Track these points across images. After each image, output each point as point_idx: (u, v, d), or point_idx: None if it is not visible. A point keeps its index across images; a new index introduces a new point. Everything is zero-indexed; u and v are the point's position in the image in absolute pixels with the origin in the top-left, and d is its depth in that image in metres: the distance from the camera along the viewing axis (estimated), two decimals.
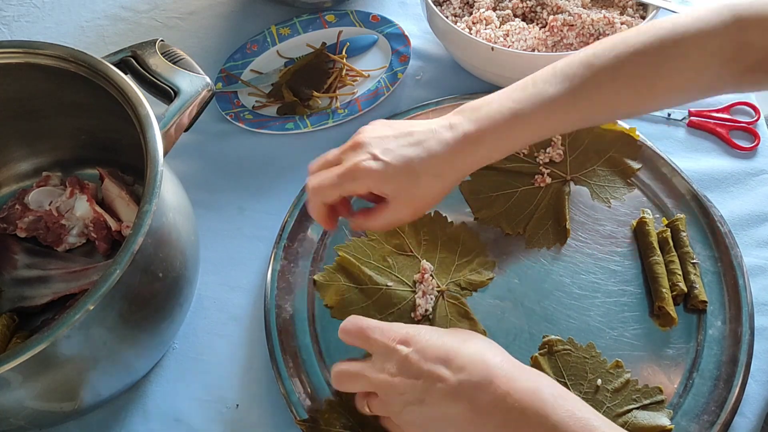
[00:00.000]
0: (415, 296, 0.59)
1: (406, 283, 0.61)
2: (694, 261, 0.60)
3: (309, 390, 0.56)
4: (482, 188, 0.66)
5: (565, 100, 0.53)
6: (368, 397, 0.50)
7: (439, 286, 0.60)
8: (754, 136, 0.71)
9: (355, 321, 0.50)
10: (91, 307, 0.43)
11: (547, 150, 0.67)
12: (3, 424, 0.47)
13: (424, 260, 0.61)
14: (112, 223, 0.64)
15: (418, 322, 0.58)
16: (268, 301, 0.60)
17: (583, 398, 0.52)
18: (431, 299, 0.59)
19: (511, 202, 0.64)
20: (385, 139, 0.53)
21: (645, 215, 0.63)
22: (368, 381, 0.48)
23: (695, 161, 0.69)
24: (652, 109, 0.60)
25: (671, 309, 0.57)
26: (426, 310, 0.59)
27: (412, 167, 0.52)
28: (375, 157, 0.52)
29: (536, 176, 0.66)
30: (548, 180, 0.66)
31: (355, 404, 0.52)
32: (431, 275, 0.60)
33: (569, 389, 0.53)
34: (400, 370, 0.46)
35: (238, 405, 0.58)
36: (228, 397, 0.58)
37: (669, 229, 0.62)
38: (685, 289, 0.58)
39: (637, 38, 0.53)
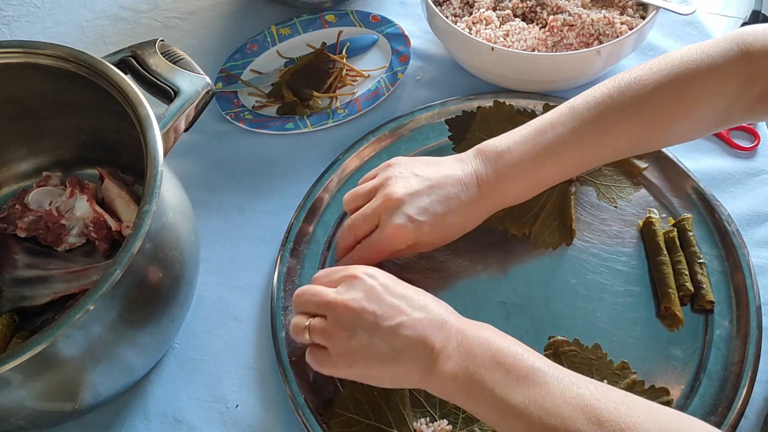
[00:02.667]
0: None
1: None
2: (701, 261, 0.60)
3: (315, 391, 0.56)
4: None
5: (585, 142, 0.56)
6: (313, 319, 0.50)
7: None
8: (754, 136, 0.71)
9: (323, 270, 0.54)
10: (91, 307, 0.43)
11: None
12: (3, 424, 0.47)
13: None
14: (112, 223, 0.64)
15: None
16: (275, 303, 0.60)
17: None
18: None
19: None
20: (417, 196, 0.56)
21: (651, 215, 0.63)
22: (327, 301, 0.49)
23: (695, 161, 0.69)
24: (671, 142, 0.61)
25: (678, 309, 0.57)
26: None
27: (446, 221, 0.56)
28: (411, 220, 0.55)
29: None
30: None
31: (291, 327, 0.52)
32: None
33: None
34: (366, 296, 0.49)
35: (238, 405, 0.58)
36: (228, 397, 0.58)
37: (676, 229, 0.62)
38: (692, 290, 0.58)
39: (651, 76, 0.55)
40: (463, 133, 0.70)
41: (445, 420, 0.53)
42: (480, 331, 0.48)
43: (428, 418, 0.54)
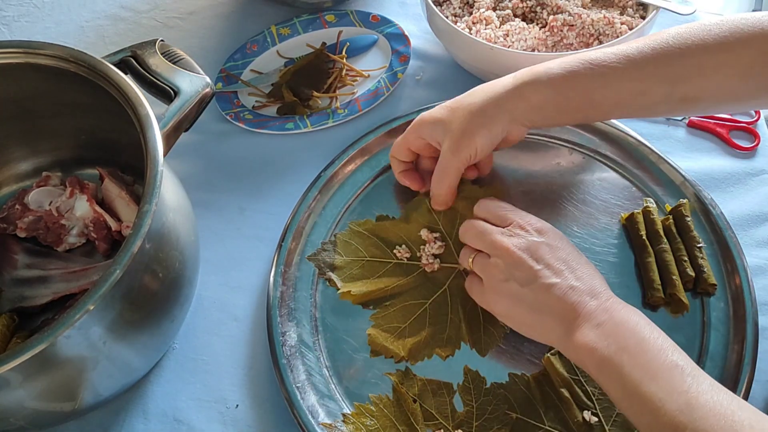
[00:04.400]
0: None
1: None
2: (700, 245, 0.60)
3: (312, 391, 0.56)
4: (394, 320, 0.59)
5: (621, 70, 0.54)
6: (478, 253, 0.54)
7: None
8: (754, 136, 0.71)
9: (488, 202, 0.58)
10: (91, 307, 0.43)
11: (426, 248, 0.62)
12: (3, 424, 0.47)
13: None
14: (112, 223, 0.64)
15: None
16: (271, 302, 0.60)
17: (597, 393, 0.53)
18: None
19: (429, 322, 0.59)
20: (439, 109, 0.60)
21: (648, 204, 0.63)
22: (492, 241, 0.53)
23: (695, 161, 0.69)
24: (699, 109, 0.60)
25: (683, 295, 0.57)
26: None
27: (475, 112, 0.57)
28: (440, 109, 0.59)
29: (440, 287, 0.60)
30: (442, 276, 0.61)
31: (461, 256, 0.57)
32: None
33: (583, 386, 0.54)
34: (528, 249, 0.51)
35: (238, 405, 0.58)
36: (228, 397, 0.58)
37: (672, 216, 0.62)
38: (693, 274, 0.58)
39: (676, 40, 0.54)
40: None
41: (460, 430, 0.53)
42: (631, 314, 0.48)
43: (442, 430, 0.53)
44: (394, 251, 0.62)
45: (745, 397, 0.53)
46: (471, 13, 0.76)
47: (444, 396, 0.55)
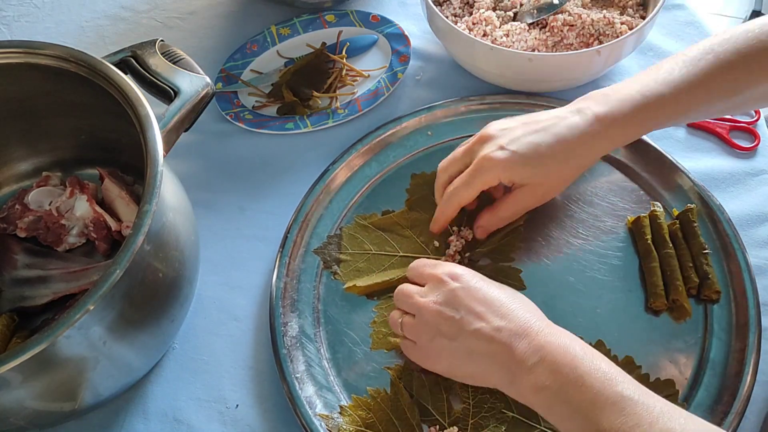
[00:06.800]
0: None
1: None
2: (706, 251, 0.60)
3: (311, 382, 0.56)
4: None
5: (691, 82, 0.54)
6: (405, 317, 0.53)
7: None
8: (754, 136, 0.71)
9: (416, 262, 0.56)
10: (91, 307, 0.43)
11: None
12: (3, 424, 0.47)
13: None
14: (112, 223, 0.64)
15: None
16: (274, 303, 0.60)
17: None
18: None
19: None
20: (511, 130, 0.56)
21: (656, 208, 0.63)
22: (413, 303, 0.52)
23: (695, 161, 0.69)
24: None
25: (686, 301, 0.57)
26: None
27: (540, 153, 0.54)
28: (502, 147, 0.55)
29: None
30: None
31: (389, 320, 0.55)
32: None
33: None
34: (446, 300, 0.50)
35: (238, 405, 0.58)
36: (228, 397, 0.58)
37: (679, 221, 0.62)
38: (698, 281, 0.58)
39: (754, 28, 0.54)
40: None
41: (455, 427, 0.53)
42: (568, 347, 0.46)
43: (438, 426, 0.54)
44: (434, 243, 0.63)
45: (744, 405, 0.53)
46: (471, 13, 0.76)
47: (441, 392, 0.55)
